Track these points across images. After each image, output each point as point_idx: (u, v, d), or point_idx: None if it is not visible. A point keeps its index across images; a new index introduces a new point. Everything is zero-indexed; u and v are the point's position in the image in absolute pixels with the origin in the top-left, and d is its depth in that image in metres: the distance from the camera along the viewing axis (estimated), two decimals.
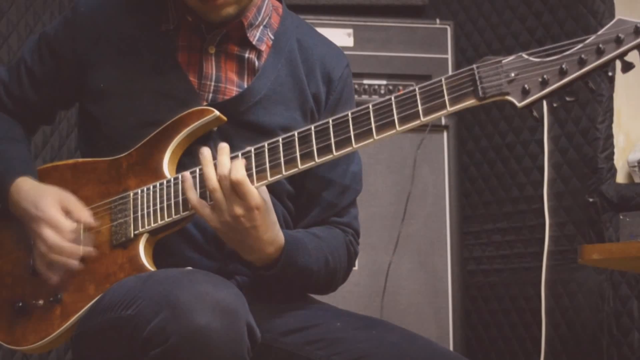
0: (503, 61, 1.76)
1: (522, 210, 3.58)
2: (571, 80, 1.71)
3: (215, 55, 2.11)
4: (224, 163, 1.90)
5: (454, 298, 3.29)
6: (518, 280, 3.58)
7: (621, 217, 3.30)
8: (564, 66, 1.71)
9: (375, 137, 1.84)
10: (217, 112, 2.02)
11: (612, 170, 3.41)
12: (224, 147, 1.93)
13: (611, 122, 3.41)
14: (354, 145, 1.85)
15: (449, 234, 3.33)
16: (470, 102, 1.78)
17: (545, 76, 1.73)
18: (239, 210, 1.88)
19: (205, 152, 1.92)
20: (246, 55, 2.13)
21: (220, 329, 1.69)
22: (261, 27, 2.14)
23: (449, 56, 3.41)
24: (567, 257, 3.42)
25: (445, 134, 3.37)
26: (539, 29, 3.59)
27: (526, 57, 1.75)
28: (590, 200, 3.39)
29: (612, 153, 3.41)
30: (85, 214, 2.05)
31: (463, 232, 3.45)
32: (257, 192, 1.88)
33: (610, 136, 3.41)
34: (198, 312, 1.69)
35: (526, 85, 1.74)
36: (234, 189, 1.87)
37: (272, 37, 2.15)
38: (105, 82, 2.13)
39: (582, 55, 1.70)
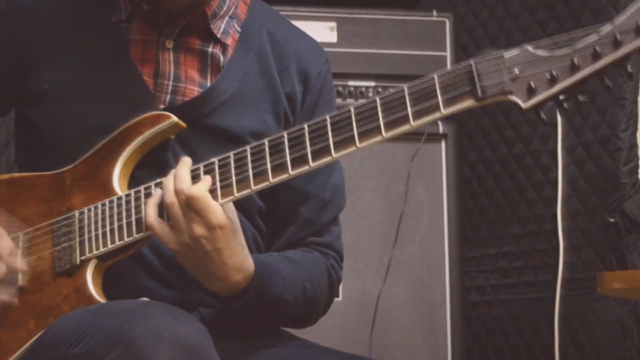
0: (505, 55, 1.76)
1: (532, 232, 3.59)
2: (584, 77, 1.71)
3: (173, 50, 2.11)
4: (181, 176, 1.89)
5: (454, 333, 3.30)
6: (528, 313, 3.59)
7: None
8: (575, 60, 1.71)
9: (358, 145, 1.83)
10: (175, 118, 2.02)
11: (637, 186, 3.41)
12: (185, 160, 1.93)
13: (635, 129, 3.42)
14: (334, 155, 1.85)
15: (448, 259, 3.34)
16: (467, 103, 1.77)
17: (553, 72, 1.72)
18: (198, 229, 1.87)
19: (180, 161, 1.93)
20: (209, 49, 2.13)
21: None
22: (226, 17, 2.14)
23: (448, 54, 3.42)
24: (585, 286, 3.43)
25: (443, 143, 3.39)
26: (551, 23, 3.59)
27: (532, 50, 1.74)
28: (611, 220, 3.40)
29: (637, 166, 3.42)
30: (14, 261, 2.03)
31: (464, 257, 3.46)
32: (219, 209, 1.88)
33: (634, 146, 3.42)
34: (156, 350, 1.68)
35: (532, 83, 1.73)
36: (190, 205, 1.87)
37: (239, 30, 2.15)
38: (48, 83, 2.13)
39: (597, 48, 1.70)
